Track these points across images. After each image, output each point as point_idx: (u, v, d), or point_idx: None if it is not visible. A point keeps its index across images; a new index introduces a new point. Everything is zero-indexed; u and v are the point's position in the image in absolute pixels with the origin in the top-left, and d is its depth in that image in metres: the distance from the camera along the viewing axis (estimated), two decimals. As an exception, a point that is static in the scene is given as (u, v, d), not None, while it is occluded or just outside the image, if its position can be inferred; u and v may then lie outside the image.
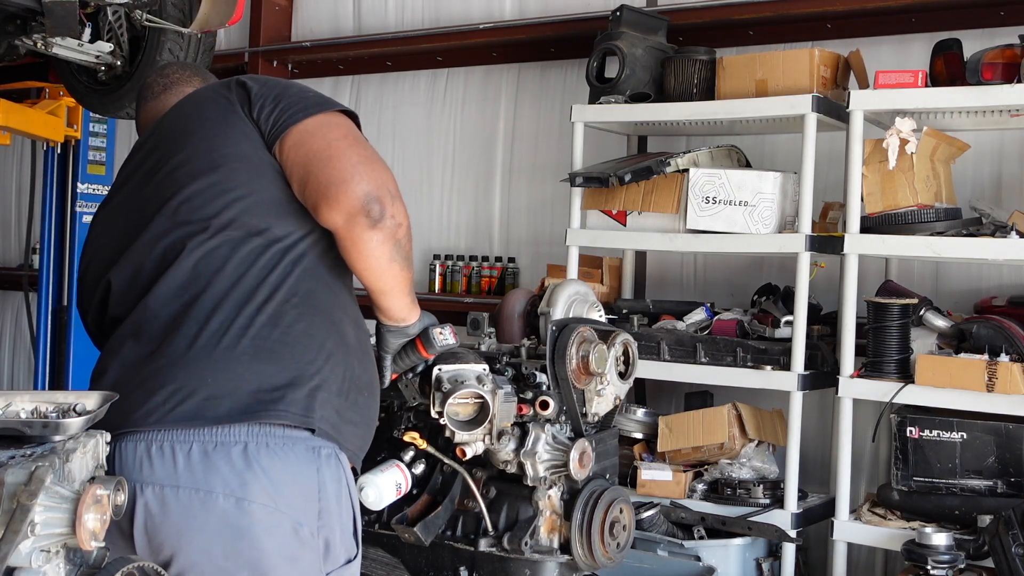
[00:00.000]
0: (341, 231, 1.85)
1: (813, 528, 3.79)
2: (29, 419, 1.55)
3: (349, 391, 1.92)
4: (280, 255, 1.89)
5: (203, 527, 1.75)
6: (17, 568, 1.39)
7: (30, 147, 5.22)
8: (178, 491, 1.75)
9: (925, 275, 4.02)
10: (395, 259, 1.92)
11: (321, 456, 1.85)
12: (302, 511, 1.81)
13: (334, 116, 1.93)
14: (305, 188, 1.87)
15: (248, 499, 1.76)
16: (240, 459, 1.76)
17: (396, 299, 2.03)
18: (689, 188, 3.78)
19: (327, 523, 1.86)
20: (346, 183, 1.82)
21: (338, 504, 1.88)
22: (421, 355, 2.18)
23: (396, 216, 1.86)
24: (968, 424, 3.31)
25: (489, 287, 4.92)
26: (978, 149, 3.83)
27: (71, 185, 4.93)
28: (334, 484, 1.87)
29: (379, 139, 5.44)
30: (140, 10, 3.60)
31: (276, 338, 1.84)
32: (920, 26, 4.03)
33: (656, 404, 4.31)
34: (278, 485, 1.78)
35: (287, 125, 1.89)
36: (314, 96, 1.97)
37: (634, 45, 4.01)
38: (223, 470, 1.75)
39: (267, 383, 1.81)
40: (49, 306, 4.94)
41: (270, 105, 1.91)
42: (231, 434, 1.77)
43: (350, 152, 1.86)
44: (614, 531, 2.55)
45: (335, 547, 1.88)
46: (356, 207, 1.81)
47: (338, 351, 1.91)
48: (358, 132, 1.96)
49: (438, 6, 5.25)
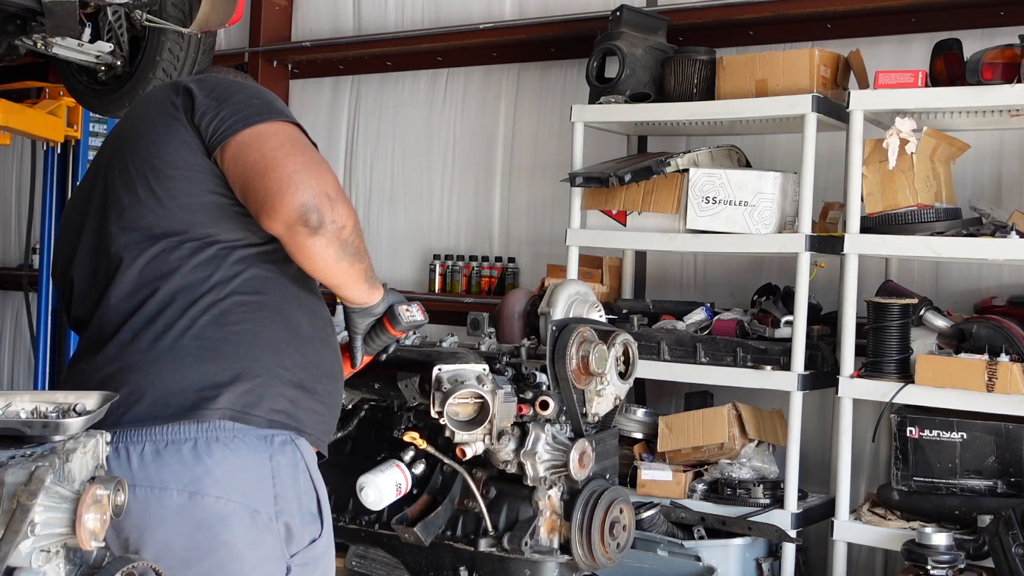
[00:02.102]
0: (284, 239, 1.88)
1: (813, 528, 3.79)
2: (29, 419, 1.55)
3: (304, 380, 1.97)
4: (224, 256, 1.94)
5: (161, 522, 1.82)
6: (17, 568, 1.40)
7: (30, 147, 5.22)
8: (135, 489, 1.80)
9: (925, 275, 4.02)
10: (342, 258, 1.93)
11: (274, 443, 1.90)
12: (256, 498, 1.87)
13: (272, 125, 1.93)
14: (246, 200, 1.90)
15: (200, 492, 1.82)
16: (190, 455, 1.83)
17: (352, 289, 2.07)
18: (689, 188, 3.78)
19: (285, 508, 1.91)
20: (282, 194, 1.83)
21: (294, 488, 1.92)
22: (390, 333, 2.19)
23: (337, 220, 1.87)
24: (968, 424, 3.31)
25: (489, 287, 4.92)
26: (978, 149, 3.83)
27: (71, 185, 4.94)
28: (289, 469, 1.92)
29: (379, 139, 5.45)
30: (140, 10, 3.61)
31: (219, 337, 1.89)
32: (920, 26, 4.03)
33: (656, 404, 4.31)
34: (229, 476, 1.84)
35: (225, 136, 1.90)
36: (257, 104, 1.96)
37: (634, 45, 4.01)
38: (175, 467, 1.81)
39: (211, 381, 1.86)
40: (49, 306, 4.94)
41: (211, 114, 1.93)
42: (180, 432, 1.83)
43: (286, 162, 1.87)
44: (614, 531, 2.55)
45: (296, 529, 1.93)
46: (294, 217, 1.83)
47: (287, 344, 1.96)
48: (298, 138, 1.95)
49: (438, 6, 5.25)
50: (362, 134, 5.52)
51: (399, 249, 5.30)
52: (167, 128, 1.95)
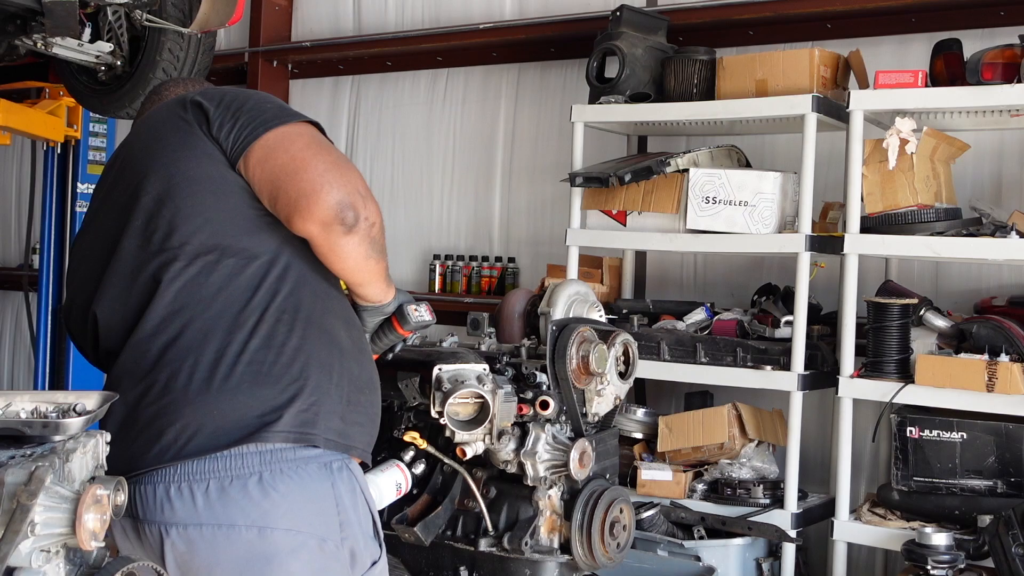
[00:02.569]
0: (317, 239, 1.87)
1: (813, 528, 3.78)
2: (29, 419, 1.55)
3: (350, 394, 1.95)
4: (262, 273, 1.90)
5: (232, 560, 1.80)
6: (17, 568, 1.40)
7: (30, 147, 5.22)
8: (201, 528, 1.79)
9: (925, 275, 4.02)
10: (371, 255, 1.94)
11: (333, 470, 1.89)
12: (324, 527, 1.86)
13: (294, 127, 1.92)
14: (276, 203, 1.87)
15: (270, 527, 1.80)
16: (256, 489, 1.80)
17: (373, 287, 2.07)
18: (689, 188, 3.78)
19: (349, 534, 1.90)
20: (316, 194, 1.83)
21: (355, 513, 1.92)
22: (398, 332, 2.21)
23: (369, 217, 1.88)
24: (968, 424, 3.31)
25: (489, 287, 4.92)
26: (978, 149, 3.83)
27: (71, 185, 4.93)
28: (349, 495, 1.91)
29: (379, 139, 5.45)
30: (140, 10, 3.60)
31: (271, 360, 1.86)
32: (920, 26, 4.03)
33: (656, 404, 4.31)
34: (297, 508, 1.83)
35: (248, 142, 1.88)
36: (273, 108, 1.95)
37: (634, 45, 4.01)
38: (242, 503, 1.79)
39: (269, 406, 1.83)
40: (49, 306, 4.94)
41: (229, 122, 1.91)
42: (244, 466, 1.80)
43: (316, 161, 1.86)
44: (614, 531, 2.55)
45: (360, 554, 1.93)
46: (330, 216, 1.83)
47: (333, 358, 1.94)
48: (322, 138, 1.95)
49: (438, 6, 5.25)
50: (362, 134, 5.52)
51: (399, 249, 5.30)
52: (184, 144, 1.92)
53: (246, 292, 1.88)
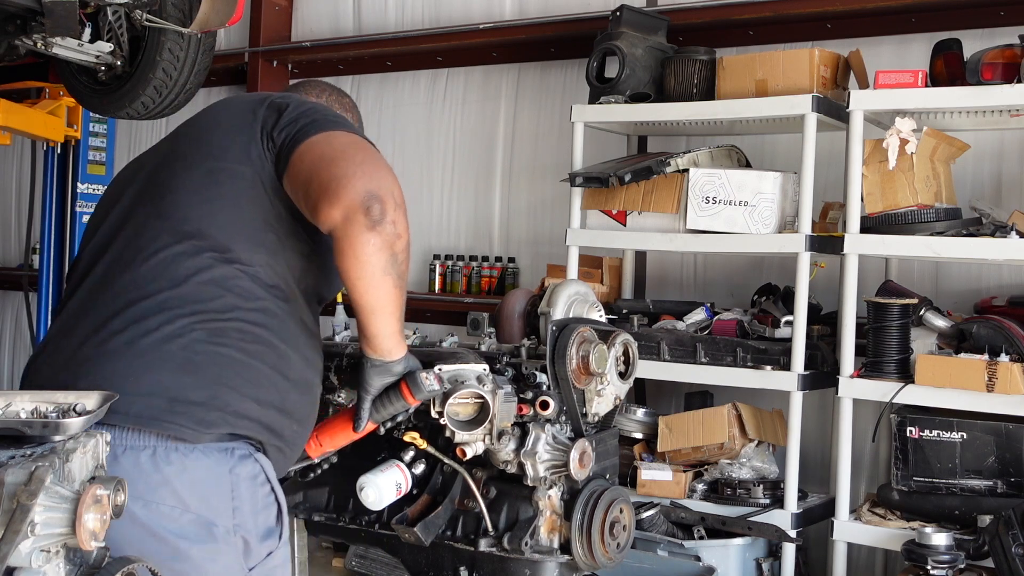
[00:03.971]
0: (338, 231, 1.81)
1: (813, 528, 3.79)
2: (29, 419, 1.55)
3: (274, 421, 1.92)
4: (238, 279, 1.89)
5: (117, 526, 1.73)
6: (17, 568, 1.39)
7: (30, 147, 5.22)
8: None
9: (925, 275, 4.02)
10: (389, 272, 1.85)
11: (235, 456, 1.85)
12: (215, 511, 1.82)
13: (346, 135, 1.92)
14: (308, 191, 1.85)
15: (156, 502, 1.77)
16: (148, 463, 1.78)
17: (384, 321, 1.92)
18: (689, 188, 3.78)
19: (242, 522, 1.86)
20: (348, 178, 1.80)
21: (252, 502, 1.88)
22: (405, 400, 2.02)
23: (397, 224, 1.83)
24: (968, 424, 3.31)
25: (489, 287, 4.92)
26: (978, 149, 3.83)
27: (71, 185, 4.94)
28: (248, 482, 1.87)
29: (379, 139, 5.43)
30: (140, 10, 3.60)
31: (206, 353, 1.84)
32: (920, 26, 4.03)
33: (656, 404, 4.31)
34: (188, 487, 1.79)
35: (299, 140, 1.89)
36: (333, 116, 1.97)
37: (634, 45, 4.01)
38: (131, 474, 1.74)
39: (184, 395, 1.81)
40: (49, 306, 4.94)
41: (289, 126, 1.92)
42: (140, 438, 1.78)
43: (355, 153, 1.85)
44: (614, 531, 2.55)
45: (254, 544, 1.89)
46: (356, 203, 1.78)
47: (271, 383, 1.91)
48: (370, 145, 1.95)
49: (438, 6, 5.25)
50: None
51: (399, 249, 5.30)
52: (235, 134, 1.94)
53: (216, 289, 1.87)
